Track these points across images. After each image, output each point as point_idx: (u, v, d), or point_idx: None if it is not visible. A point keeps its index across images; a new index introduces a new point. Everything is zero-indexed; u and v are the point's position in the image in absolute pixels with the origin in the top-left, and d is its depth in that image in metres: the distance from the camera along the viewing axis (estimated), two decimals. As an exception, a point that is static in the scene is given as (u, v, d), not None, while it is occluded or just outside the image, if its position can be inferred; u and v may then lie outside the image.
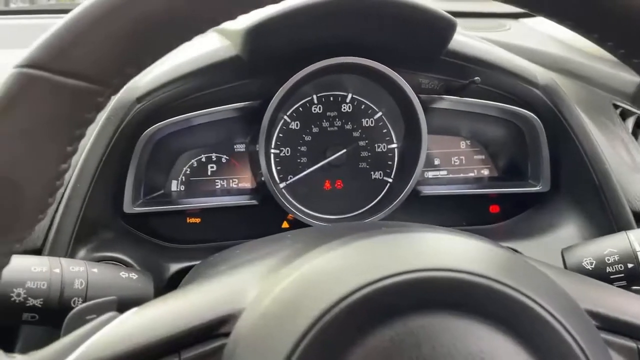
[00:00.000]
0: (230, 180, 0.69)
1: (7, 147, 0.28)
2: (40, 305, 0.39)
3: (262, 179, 0.63)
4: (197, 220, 0.67)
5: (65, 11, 0.97)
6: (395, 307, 0.27)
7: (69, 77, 0.28)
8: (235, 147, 0.68)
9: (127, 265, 0.54)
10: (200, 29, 0.29)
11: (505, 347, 0.26)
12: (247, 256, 0.44)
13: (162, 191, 0.66)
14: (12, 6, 1.27)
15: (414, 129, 0.64)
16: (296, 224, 0.67)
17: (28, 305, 0.39)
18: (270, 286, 0.31)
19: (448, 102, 0.65)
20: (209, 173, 0.68)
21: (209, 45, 0.60)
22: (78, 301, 0.41)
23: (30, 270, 0.39)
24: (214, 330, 0.30)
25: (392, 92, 0.65)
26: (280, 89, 0.59)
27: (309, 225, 0.65)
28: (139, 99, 0.55)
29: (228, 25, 0.35)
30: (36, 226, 0.49)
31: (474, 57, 0.60)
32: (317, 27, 0.54)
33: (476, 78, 0.59)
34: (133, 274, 0.45)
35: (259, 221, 0.67)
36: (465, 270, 0.27)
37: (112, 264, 0.53)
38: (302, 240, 0.39)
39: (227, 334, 0.30)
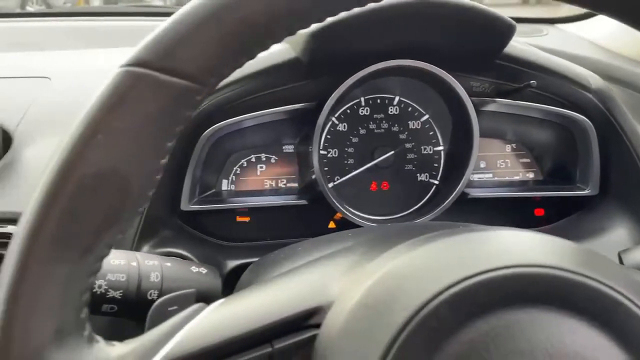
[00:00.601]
0: (278, 180, 0.70)
1: (117, 142, 0.29)
2: (119, 297, 0.40)
3: (312, 178, 0.64)
4: (246, 218, 0.69)
5: (83, 14, 0.98)
6: (492, 301, 0.27)
7: (173, 76, 0.29)
8: (283, 147, 0.70)
9: (183, 257, 0.56)
10: (302, 26, 0.30)
11: (599, 342, 0.27)
12: (316, 253, 0.45)
13: (213, 190, 0.68)
14: (29, 9, 1.30)
15: (465, 132, 0.64)
16: (343, 224, 0.68)
17: (108, 296, 0.40)
18: (358, 280, 0.32)
19: (497, 105, 0.65)
20: (258, 173, 0.70)
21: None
22: (154, 293, 0.42)
23: (110, 263, 0.41)
24: (304, 321, 0.31)
25: (444, 95, 0.66)
26: (336, 91, 0.60)
27: (357, 226, 0.66)
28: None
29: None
30: None
31: (529, 61, 0.60)
32: (378, 30, 0.55)
33: (532, 82, 0.60)
34: (202, 268, 0.46)
35: (306, 221, 0.68)
36: (559, 267, 0.28)
37: (176, 259, 0.54)
38: (375, 238, 0.40)
39: (317, 325, 0.31)
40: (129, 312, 0.41)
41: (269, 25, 0.30)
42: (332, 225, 0.70)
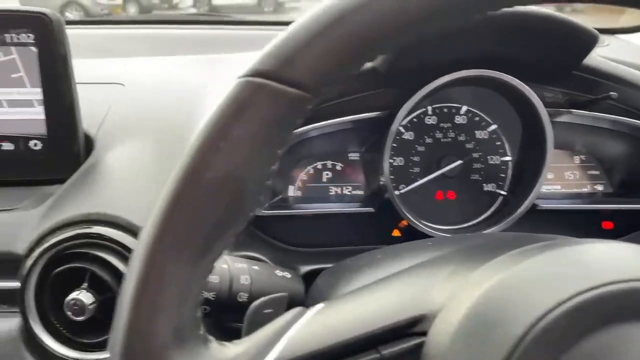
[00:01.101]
0: (344, 187, 0.71)
1: (237, 148, 0.30)
2: (212, 299, 0.41)
3: (379, 186, 0.65)
4: (312, 225, 0.69)
5: (150, 22, 1.00)
6: (611, 314, 0.27)
7: (289, 86, 0.30)
8: (349, 155, 0.70)
9: (258, 259, 0.57)
10: (412, 40, 0.31)
11: None
12: (398, 261, 0.45)
13: (280, 196, 0.69)
14: (68, 15, 1.35)
15: (537, 143, 0.64)
16: (407, 233, 0.68)
17: (204, 297, 0.41)
18: (464, 289, 0.32)
19: (571, 116, 0.64)
20: (324, 180, 0.70)
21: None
22: (244, 296, 0.43)
23: (204, 265, 0.42)
24: (409, 328, 0.32)
25: (517, 105, 0.65)
26: (410, 100, 0.61)
27: (422, 234, 0.66)
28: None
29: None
30: None
31: (606, 72, 0.60)
32: (455, 40, 0.56)
33: (613, 93, 0.59)
34: (286, 272, 0.47)
35: (370, 228, 0.69)
36: None
37: (260, 262, 0.55)
38: (470, 248, 0.40)
39: (423, 333, 0.31)
40: (220, 314, 0.42)
41: (380, 38, 0.31)
42: (396, 233, 0.70)
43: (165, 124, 0.66)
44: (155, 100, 0.71)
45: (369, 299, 0.35)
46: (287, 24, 0.97)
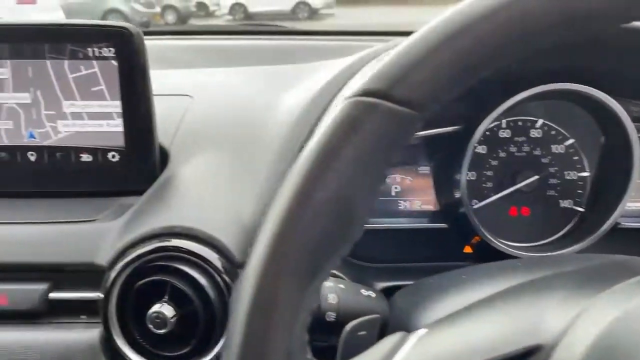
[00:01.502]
0: (413, 202, 0.70)
1: (348, 169, 0.30)
2: (305, 318, 0.41)
3: (453, 201, 0.64)
4: (381, 239, 0.68)
5: (215, 32, 1.01)
6: None
7: (401, 105, 0.30)
8: (419, 169, 0.69)
9: (333, 275, 0.56)
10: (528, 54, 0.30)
11: None
12: (488, 282, 0.44)
13: None
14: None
15: (621, 158, 0.61)
16: (480, 249, 0.66)
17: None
18: (582, 318, 0.31)
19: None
20: (393, 194, 0.69)
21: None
22: (332, 315, 0.42)
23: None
24: (524, 359, 0.31)
25: (601, 120, 0.63)
26: (492, 114, 0.59)
27: (496, 251, 0.64)
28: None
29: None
30: (254, 238, 0.52)
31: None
32: (544, 53, 0.54)
33: None
34: (371, 292, 0.46)
35: (441, 244, 0.67)
36: None
37: (345, 281, 0.54)
38: (578, 272, 0.38)
39: None
40: (309, 332, 0.41)
41: (495, 55, 0.30)
42: (467, 249, 0.68)
43: (237, 137, 0.67)
44: (224, 112, 0.72)
45: (475, 325, 0.34)
46: (341, 34, 0.96)
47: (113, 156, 0.62)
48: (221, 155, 0.64)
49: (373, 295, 0.47)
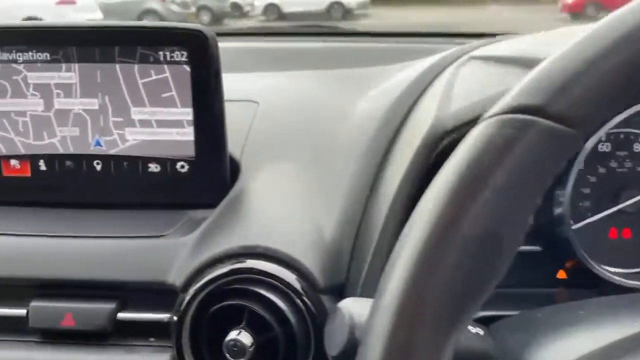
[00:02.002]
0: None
1: (500, 197, 0.26)
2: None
3: (551, 220, 0.58)
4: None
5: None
6: None
7: (559, 122, 0.25)
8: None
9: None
10: None
11: None
12: (619, 322, 0.38)
13: None
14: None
15: None
16: (575, 275, 0.60)
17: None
18: None
19: None
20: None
21: (510, 82, 0.55)
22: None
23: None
24: None
25: None
26: (602, 129, 0.53)
27: (594, 277, 0.58)
28: (448, 133, 0.52)
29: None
30: (338, 261, 0.46)
31: None
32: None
33: None
34: (478, 329, 0.41)
35: (533, 268, 0.61)
36: None
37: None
38: None
39: None
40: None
41: None
42: (561, 275, 0.62)
43: (310, 147, 0.62)
44: (294, 120, 0.67)
45: None
46: (410, 35, 0.89)
47: (182, 166, 0.58)
48: (295, 166, 0.60)
49: (481, 332, 0.41)
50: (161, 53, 0.56)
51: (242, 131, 0.64)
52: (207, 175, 0.58)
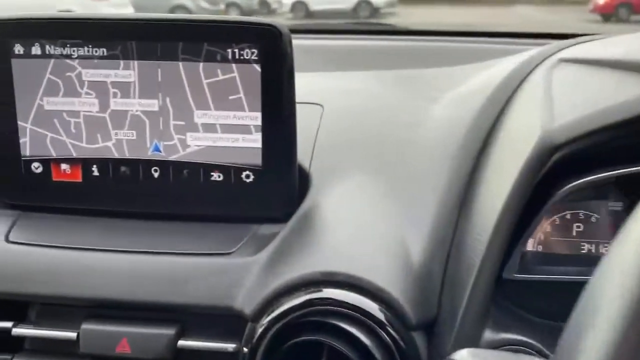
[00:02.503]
0: (600, 245, 0.57)
1: None
2: None
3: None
4: (553, 291, 0.56)
5: (343, 31, 0.89)
6: None
7: None
8: (609, 205, 0.56)
9: (538, 352, 0.44)
10: None
11: None
12: None
13: (518, 249, 0.56)
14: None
15: None
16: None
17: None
18: None
19: None
20: (573, 234, 0.57)
21: (629, 91, 0.48)
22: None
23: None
24: None
25: None
26: None
27: None
28: (558, 148, 0.45)
29: None
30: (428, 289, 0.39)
31: None
32: None
33: None
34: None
35: None
36: None
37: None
38: None
39: None
40: None
41: None
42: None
43: (384, 155, 0.56)
44: (361, 125, 0.61)
45: None
46: (473, 35, 0.79)
47: (247, 176, 0.53)
48: (371, 178, 0.53)
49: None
50: (229, 50, 0.50)
51: (309, 138, 0.58)
52: (274, 187, 0.52)
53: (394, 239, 0.47)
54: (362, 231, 0.48)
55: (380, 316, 0.42)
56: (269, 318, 0.43)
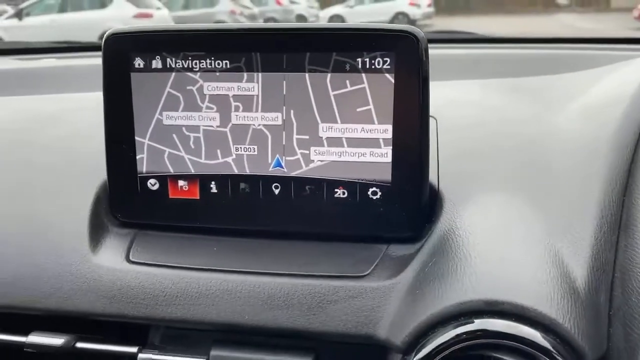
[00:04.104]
0: None
1: None
2: None
3: None
4: None
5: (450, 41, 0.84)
6: None
7: None
8: None
9: None
10: None
11: None
12: None
13: None
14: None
15: None
16: None
17: None
18: None
19: None
20: None
21: None
22: None
23: None
24: None
25: None
26: None
27: None
28: None
29: None
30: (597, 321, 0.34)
31: None
32: None
33: None
34: None
35: None
36: None
37: None
38: None
39: None
40: None
41: None
42: None
43: (520, 172, 0.52)
44: (481, 137, 0.57)
45: None
46: (575, 41, 0.73)
47: (374, 192, 0.49)
48: (510, 196, 0.49)
49: None
50: (359, 60, 0.48)
51: (430, 152, 0.55)
52: (404, 204, 0.49)
53: (554, 264, 0.43)
54: (516, 254, 0.44)
55: (556, 353, 0.38)
56: (428, 350, 0.39)
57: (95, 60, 0.97)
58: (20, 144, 0.62)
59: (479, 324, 0.39)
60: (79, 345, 0.47)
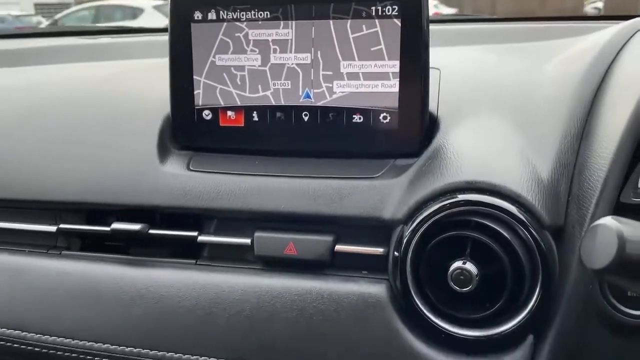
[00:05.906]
0: None
1: None
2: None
3: None
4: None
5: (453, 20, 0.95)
6: None
7: None
8: None
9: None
10: None
11: None
12: None
13: None
14: None
15: None
16: None
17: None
18: None
19: None
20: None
21: None
22: None
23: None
24: None
25: None
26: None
27: None
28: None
29: None
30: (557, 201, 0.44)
31: None
32: None
33: None
34: None
35: None
36: None
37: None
38: None
39: None
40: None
41: None
42: None
43: (508, 104, 0.63)
44: (479, 84, 0.68)
45: None
46: (565, 19, 0.85)
47: (384, 117, 0.61)
48: (497, 120, 0.61)
49: None
50: (373, 8, 0.60)
51: (432, 93, 0.66)
52: (409, 126, 0.61)
53: (525, 158, 0.54)
54: (495, 155, 0.55)
55: (520, 216, 0.49)
56: (420, 217, 0.51)
57: (141, 38, 1.12)
58: (103, 94, 0.75)
59: (461, 197, 0.50)
60: (152, 231, 0.60)
